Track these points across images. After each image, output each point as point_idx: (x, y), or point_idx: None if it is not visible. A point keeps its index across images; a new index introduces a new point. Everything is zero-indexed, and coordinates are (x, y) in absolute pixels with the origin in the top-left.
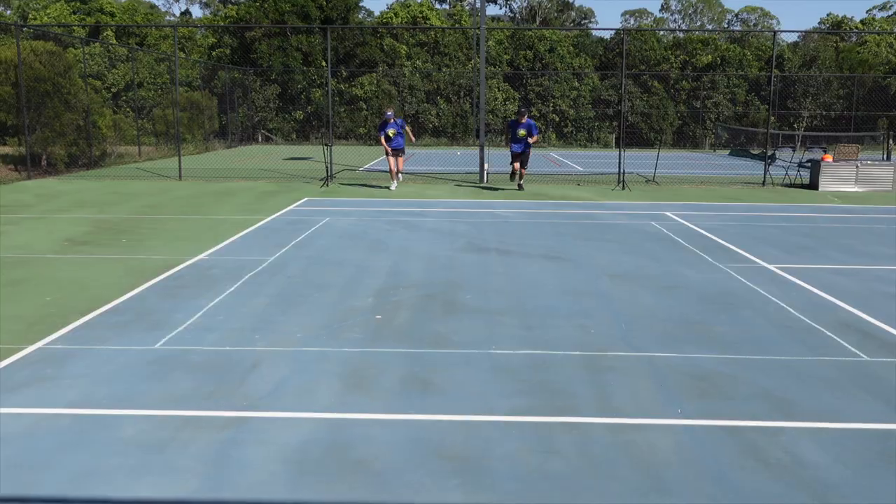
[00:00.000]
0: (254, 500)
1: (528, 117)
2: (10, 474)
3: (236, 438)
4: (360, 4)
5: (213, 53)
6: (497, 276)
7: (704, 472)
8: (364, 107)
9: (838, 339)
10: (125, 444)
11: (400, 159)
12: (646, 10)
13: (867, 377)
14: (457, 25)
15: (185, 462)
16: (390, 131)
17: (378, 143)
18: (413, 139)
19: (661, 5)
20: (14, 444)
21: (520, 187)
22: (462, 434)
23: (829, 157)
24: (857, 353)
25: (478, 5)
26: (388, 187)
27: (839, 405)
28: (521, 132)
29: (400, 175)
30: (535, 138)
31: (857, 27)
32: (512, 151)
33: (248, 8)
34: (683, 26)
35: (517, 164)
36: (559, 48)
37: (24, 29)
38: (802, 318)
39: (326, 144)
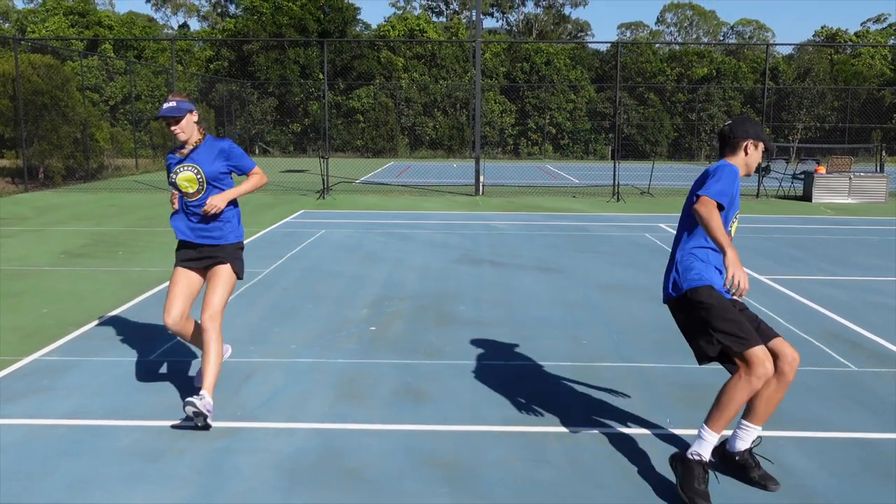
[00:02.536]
0: None
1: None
2: (6, 483)
3: (230, 447)
4: (358, 17)
5: (211, 66)
6: (490, 288)
7: None
8: (361, 119)
9: (827, 350)
10: (120, 453)
11: (219, 284)
12: (642, 22)
13: (855, 387)
14: (453, 38)
15: (180, 471)
16: (180, 177)
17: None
18: (250, 189)
19: (657, 18)
20: (10, 454)
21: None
22: (454, 443)
23: (822, 169)
24: (846, 363)
25: (474, 18)
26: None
27: (826, 414)
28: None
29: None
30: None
31: (851, 40)
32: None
33: (245, 21)
34: (679, 39)
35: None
36: (556, 61)
37: (23, 42)
38: (792, 328)
39: (323, 157)
